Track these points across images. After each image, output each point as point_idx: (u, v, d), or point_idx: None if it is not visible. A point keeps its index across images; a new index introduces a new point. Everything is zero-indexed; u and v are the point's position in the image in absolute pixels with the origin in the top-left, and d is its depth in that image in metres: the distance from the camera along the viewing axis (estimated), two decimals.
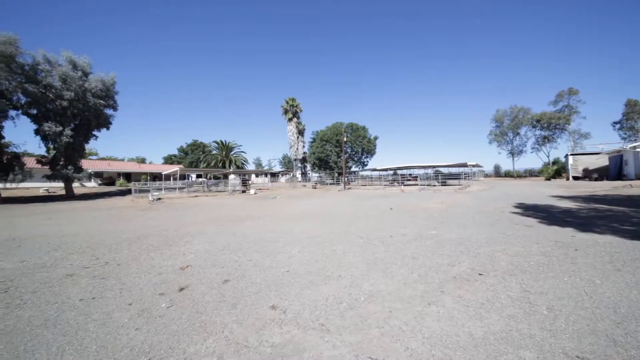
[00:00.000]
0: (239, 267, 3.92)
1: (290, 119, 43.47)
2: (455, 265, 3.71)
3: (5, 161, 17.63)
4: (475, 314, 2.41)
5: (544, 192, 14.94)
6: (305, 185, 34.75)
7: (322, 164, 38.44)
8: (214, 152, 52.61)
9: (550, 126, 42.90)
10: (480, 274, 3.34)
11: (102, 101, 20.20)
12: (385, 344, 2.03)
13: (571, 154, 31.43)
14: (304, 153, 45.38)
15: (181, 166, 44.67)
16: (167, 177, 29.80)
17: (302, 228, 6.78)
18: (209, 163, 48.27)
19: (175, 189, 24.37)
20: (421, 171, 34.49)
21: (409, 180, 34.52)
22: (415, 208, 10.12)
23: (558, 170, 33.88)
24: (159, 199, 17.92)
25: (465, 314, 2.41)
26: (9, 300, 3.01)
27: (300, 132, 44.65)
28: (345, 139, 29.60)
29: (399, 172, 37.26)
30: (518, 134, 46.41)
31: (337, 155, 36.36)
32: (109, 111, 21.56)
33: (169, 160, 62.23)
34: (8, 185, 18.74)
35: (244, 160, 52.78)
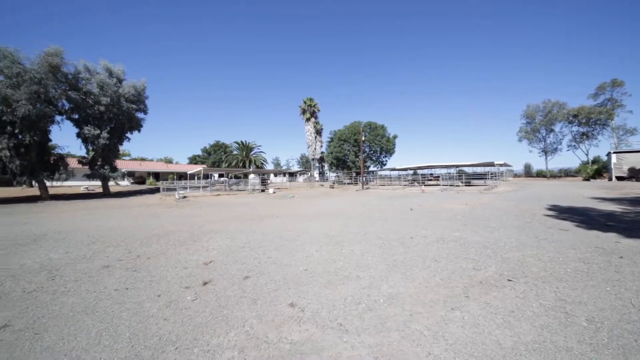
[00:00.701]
0: (259, 264, 4.02)
1: (308, 119, 43.77)
2: (481, 269, 3.53)
3: (52, 162, 19.47)
4: (503, 322, 2.28)
5: (582, 194, 13.73)
6: (322, 185, 34.83)
7: (339, 164, 38.31)
8: (235, 152, 54.37)
9: (590, 122, 39.20)
10: (509, 280, 3.14)
11: (134, 105, 21.67)
12: (405, 348, 1.98)
13: (614, 152, 28.55)
14: (322, 153, 45.48)
15: (204, 166, 46.67)
16: (192, 177, 31.29)
17: (319, 227, 6.80)
18: (230, 163, 49.98)
19: (199, 187, 25.51)
20: (443, 171, 33.18)
21: (430, 180, 33.35)
22: (436, 209, 9.76)
23: (598, 170, 30.98)
24: (185, 197, 18.86)
25: (492, 322, 2.28)
26: (56, 287, 3.32)
27: (318, 132, 44.80)
28: (363, 138, 29.26)
29: (420, 171, 36.13)
30: (552, 130, 42.91)
31: (355, 154, 36.04)
32: (140, 114, 23.04)
33: (193, 160, 65.28)
34: (54, 183, 20.71)
35: (263, 160, 53.99)
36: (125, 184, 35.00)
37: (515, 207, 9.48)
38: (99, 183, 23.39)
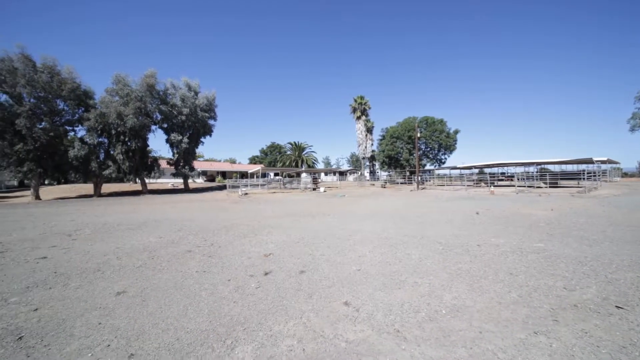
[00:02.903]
0: (313, 260, 4.17)
1: (358, 117, 43.14)
2: (575, 290, 2.91)
3: (149, 163, 24.08)
4: (611, 359, 1.83)
5: None
6: (373, 184, 33.87)
7: (391, 162, 36.61)
8: (288, 152, 57.60)
9: None
10: (618, 307, 2.50)
11: (206, 114, 25.12)
12: None
13: None
14: (373, 151, 44.25)
15: (262, 165, 50.78)
16: (251, 175, 34.43)
17: (372, 228, 6.65)
18: (284, 162, 53.20)
19: (257, 185, 27.92)
20: (519, 169, 28.40)
21: (501, 180, 28.99)
22: (511, 214, 8.43)
23: None
24: (246, 194, 20.90)
25: (594, 356, 1.86)
26: (155, 265, 4.11)
27: (369, 130, 43.72)
28: (418, 135, 27.26)
29: (487, 170, 31.76)
30: None
31: (409, 152, 33.90)
32: (211, 121, 26.55)
33: (252, 160, 71.71)
34: (151, 180, 25.64)
35: (314, 160, 55.72)
36: (200, 181, 40.79)
37: (625, 216, 7.46)
38: (181, 180, 27.92)
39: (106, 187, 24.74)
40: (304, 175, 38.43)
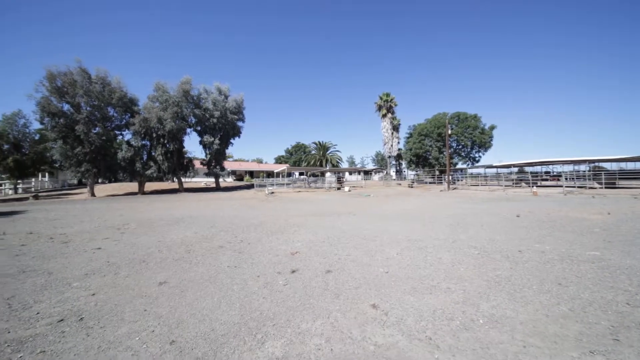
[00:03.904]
0: (339, 260, 4.16)
1: (384, 115, 42.01)
2: None
3: (185, 164, 25.88)
4: None
5: None
6: (400, 184, 32.82)
7: (419, 161, 35.17)
8: (313, 152, 58.14)
9: None
10: None
11: (235, 116, 26.29)
12: None
13: None
14: (399, 149, 42.84)
15: (288, 165, 51.82)
16: (277, 175, 35.34)
17: (399, 229, 6.44)
18: (309, 162, 53.83)
19: (283, 184, 28.60)
20: (567, 167, 25.63)
21: (546, 179, 26.37)
22: (558, 217, 7.62)
23: None
24: (273, 192, 21.52)
25: None
26: (191, 258, 4.41)
27: (395, 128, 42.36)
28: (449, 132, 25.80)
29: (529, 169, 29.08)
30: None
31: (438, 150, 32.27)
32: (239, 123, 27.72)
33: (278, 160, 73.60)
34: (186, 179, 27.55)
35: (339, 159, 55.56)
36: (230, 180, 42.87)
37: None
38: (213, 179, 29.59)
39: (148, 186, 27.11)
40: (328, 174, 38.51)
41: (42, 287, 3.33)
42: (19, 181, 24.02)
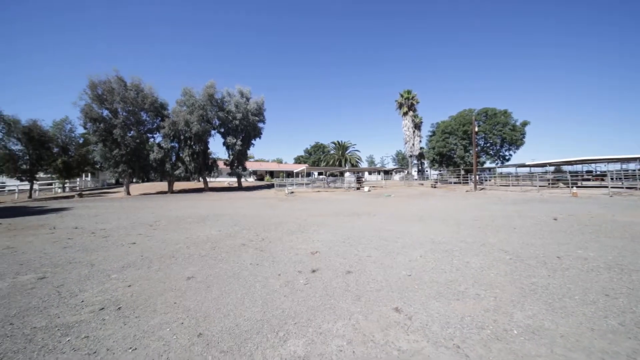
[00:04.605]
0: (359, 261, 4.10)
1: (405, 113, 40.85)
2: None
3: (209, 164, 27.08)
4: None
5: None
6: (422, 184, 31.70)
7: (443, 160, 33.72)
8: (332, 152, 58.06)
9: None
10: None
11: (256, 118, 27.01)
12: None
13: None
14: (421, 148, 41.42)
15: (307, 165, 52.25)
16: (297, 174, 35.79)
17: (422, 231, 6.22)
18: (327, 162, 53.84)
19: (302, 184, 28.87)
20: (613, 166, 23.17)
21: (587, 179, 24.08)
22: (603, 221, 6.90)
23: None
24: (292, 192, 21.81)
25: None
26: (216, 255, 4.59)
27: (417, 126, 41.02)
28: (476, 129, 24.42)
29: (567, 168, 26.74)
30: None
31: (464, 148, 30.70)
32: (260, 124, 28.45)
33: (297, 160, 74.45)
34: (211, 179, 28.84)
35: (358, 159, 54.94)
36: (251, 180, 44.17)
37: None
38: (235, 179, 30.65)
39: (176, 185, 28.74)
40: (347, 174, 38.26)
41: (85, 277, 3.65)
42: (66, 181, 26.59)
